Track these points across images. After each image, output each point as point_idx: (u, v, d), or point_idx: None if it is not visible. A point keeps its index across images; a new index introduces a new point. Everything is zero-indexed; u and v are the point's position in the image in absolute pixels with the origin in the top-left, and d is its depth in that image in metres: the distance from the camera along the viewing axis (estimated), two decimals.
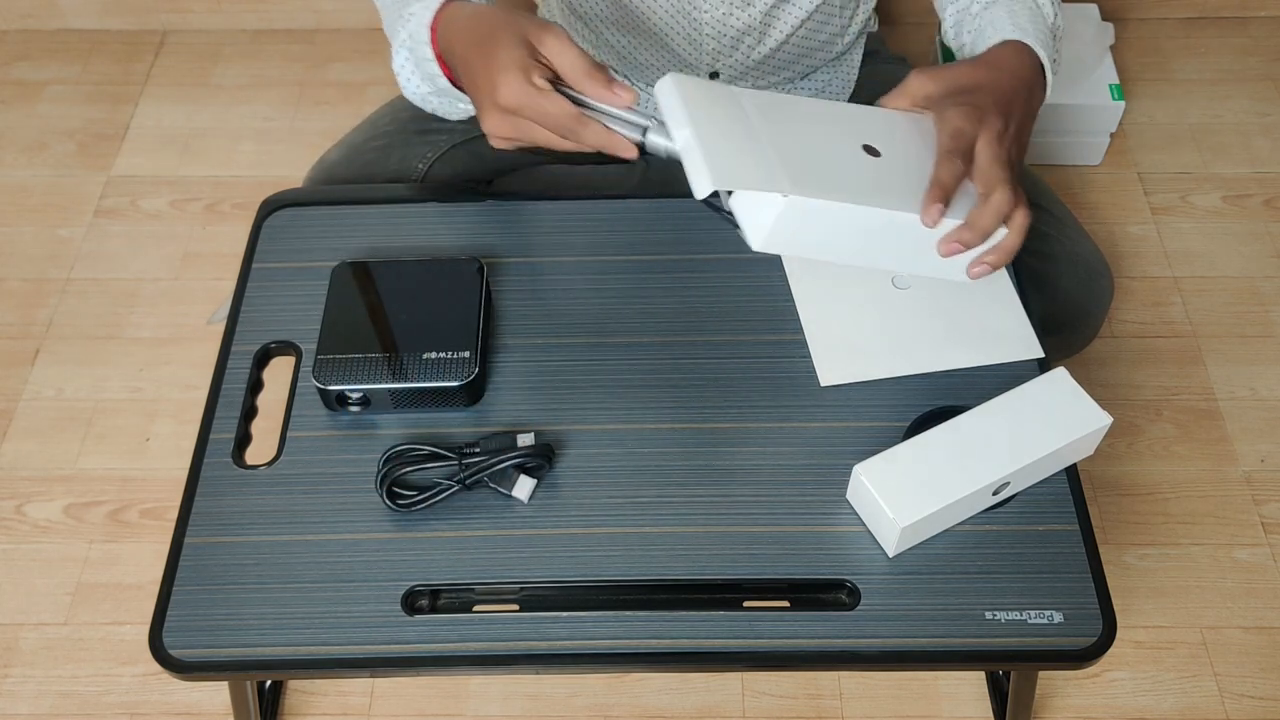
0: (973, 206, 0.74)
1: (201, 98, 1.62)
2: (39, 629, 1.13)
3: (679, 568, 0.74)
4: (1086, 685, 1.08)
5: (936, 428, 0.75)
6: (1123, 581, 1.13)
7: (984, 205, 0.73)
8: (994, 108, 0.76)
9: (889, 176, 0.74)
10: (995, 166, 0.74)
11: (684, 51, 0.98)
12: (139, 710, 1.08)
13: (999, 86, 0.78)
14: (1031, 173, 1.07)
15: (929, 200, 0.72)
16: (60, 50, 1.68)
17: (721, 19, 0.94)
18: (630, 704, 1.07)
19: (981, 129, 0.75)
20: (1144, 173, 1.49)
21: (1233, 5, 1.66)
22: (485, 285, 0.85)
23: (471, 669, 0.72)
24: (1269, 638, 1.10)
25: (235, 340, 0.86)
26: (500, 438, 0.78)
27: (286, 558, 0.75)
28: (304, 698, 1.08)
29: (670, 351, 0.83)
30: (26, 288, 1.40)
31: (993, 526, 0.75)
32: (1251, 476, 1.21)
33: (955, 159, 0.73)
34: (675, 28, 0.96)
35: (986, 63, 0.81)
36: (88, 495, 1.22)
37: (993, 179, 0.73)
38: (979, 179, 0.74)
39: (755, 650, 0.71)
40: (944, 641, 0.71)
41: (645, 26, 0.97)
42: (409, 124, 1.06)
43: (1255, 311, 1.34)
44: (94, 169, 1.53)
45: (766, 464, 0.78)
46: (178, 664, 0.71)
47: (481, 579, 0.74)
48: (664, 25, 0.96)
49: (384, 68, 1.64)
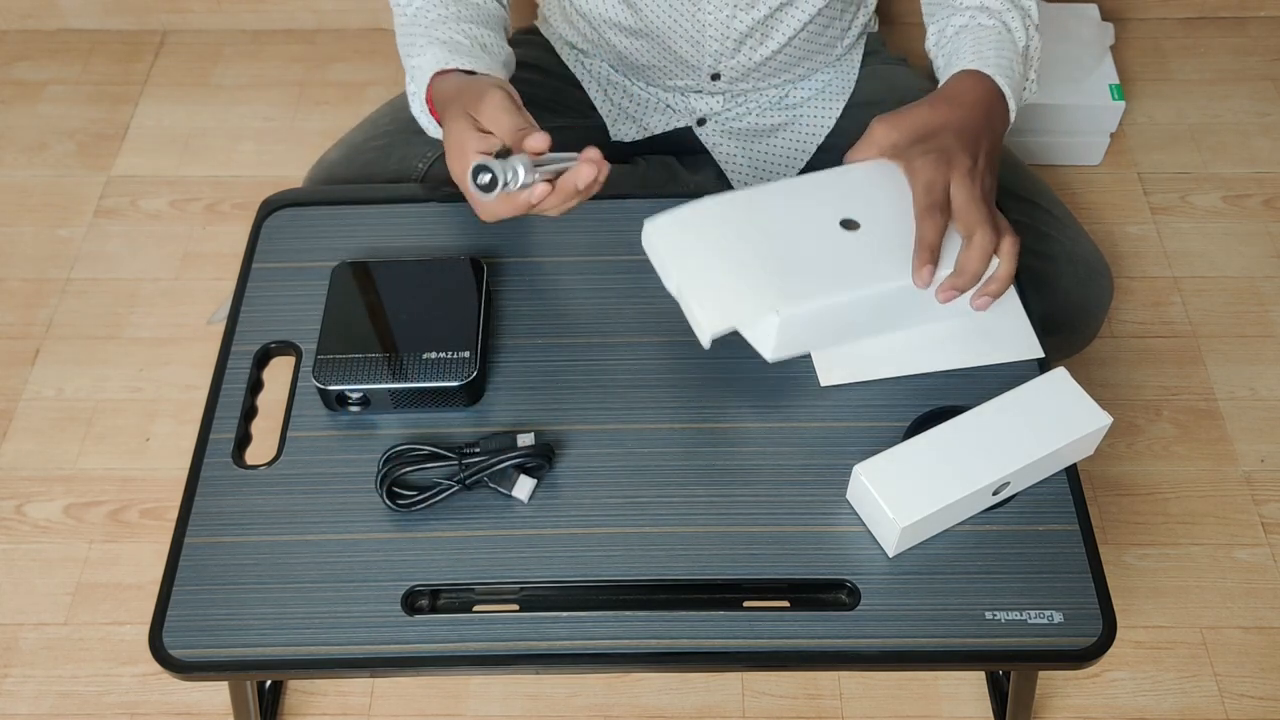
0: (959, 249, 0.77)
1: (201, 98, 1.62)
2: (39, 629, 1.13)
3: (679, 568, 0.74)
4: (1086, 685, 1.08)
5: (936, 428, 0.75)
6: (1123, 581, 1.13)
7: (969, 248, 0.76)
8: (960, 148, 0.78)
9: (874, 249, 0.78)
10: (972, 207, 0.76)
11: (686, 53, 0.98)
12: (139, 710, 1.08)
13: (961, 124, 0.80)
14: (1031, 173, 1.07)
15: (918, 263, 0.75)
16: (60, 50, 1.68)
17: (725, 20, 0.94)
18: (630, 704, 1.07)
19: (952, 173, 0.77)
20: (1144, 173, 1.49)
21: (1233, 5, 1.66)
22: (485, 285, 0.85)
23: (471, 669, 0.72)
24: (1269, 638, 1.10)
25: (235, 340, 0.86)
26: (500, 438, 0.78)
27: (286, 558, 0.75)
28: (304, 698, 1.08)
29: (670, 351, 0.83)
30: (26, 288, 1.40)
31: (993, 526, 0.75)
32: (1251, 476, 1.21)
33: (934, 213, 0.76)
34: (679, 29, 0.96)
35: (945, 99, 0.82)
36: (88, 495, 1.22)
37: (972, 221, 0.76)
38: (959, 222, 0.77)
39: (755, 650, 0.71)
40: (944, 641, 0.71)
41: (649, 28, 0.97)
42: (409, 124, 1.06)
43: (1255, 311, 1.34)
44: (94, 169, 1.53)
45: (766, 464, 0.78)
46: (178, 664, 0.71)
47: (481, 579, 0.74)
48: (667, 27, 0.96)
49: (384, 68, 1.65)
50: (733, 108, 1.06)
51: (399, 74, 1.62)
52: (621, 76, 1.07)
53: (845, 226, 0.79)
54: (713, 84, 1.01)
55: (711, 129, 1.07)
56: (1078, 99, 1.42)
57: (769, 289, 0.75)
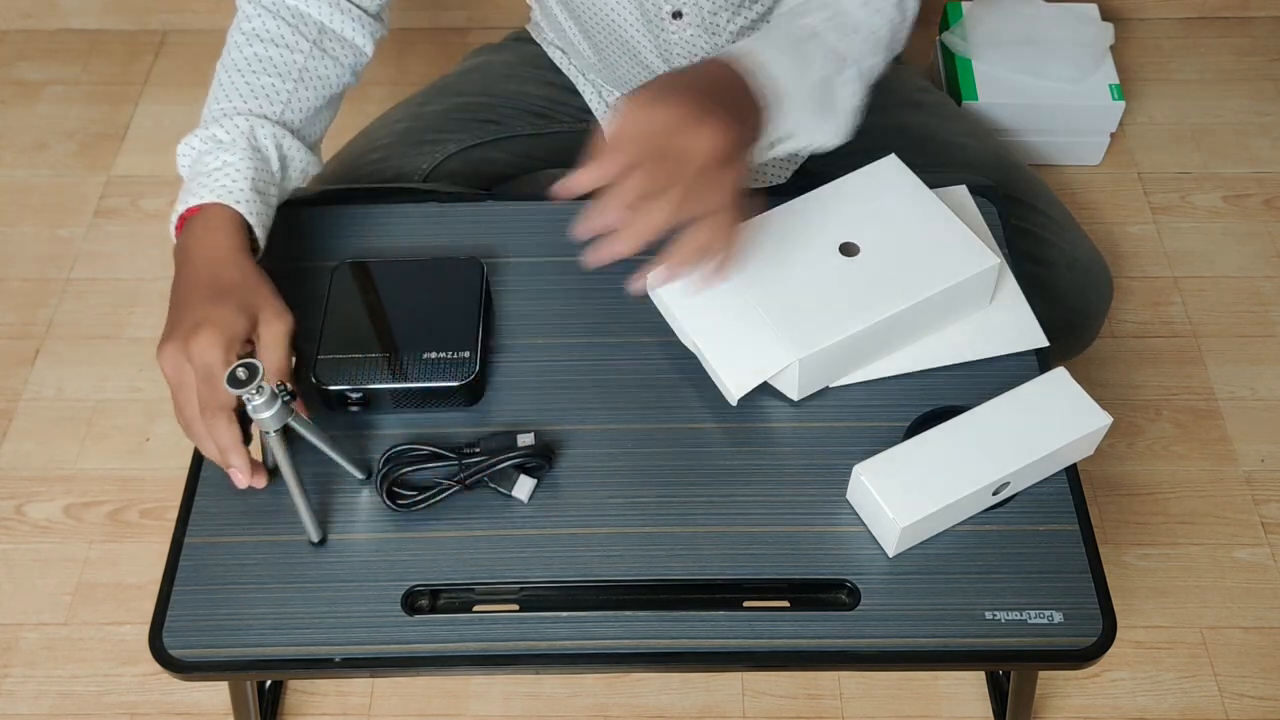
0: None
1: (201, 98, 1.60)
2: (39, 629, 1.13)
3: (679, 568, 0.74)
4: (1086, 685, 1.08)
5: (936, 428, 0.75)
6: (1123, 581, 1.13)
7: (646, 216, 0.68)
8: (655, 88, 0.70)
9: (876, 273, 0.79)
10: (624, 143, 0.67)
11: (657, 67, 0.99)
12: (139, 710, 1.08)
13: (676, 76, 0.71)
14: (1031, 174, 1.07)
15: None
16: (60, 50, 1.68)
17: (690, 40, 0.95)
18: (630, 704, 1.07)
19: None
20: (1144, 173, 1.49)
21: (1233, 5, 1.66)
22: (485, 285, 0.85)
23: (471, 669, 0.72)
24: (1269, 638, 1.10)
25: None
26: (500, 438, 0.78)
27: (286, 558, 0.75)
28: (304, 698, 1.08)
29: (670, 351, 0.83)
30: (26, 288, 1.40)
31: (993, 526, 0.75)
32: (1251, 476, 1.21)
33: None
34: (647, 46, 0.97)
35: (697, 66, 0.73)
36: (88, 495, 1.22)
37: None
38: None
39: (755, 650, 0.71)
40: (944, 641, 0.71)
41: (621, 40, 0.97)
42: (404, 136, 1.06)
43: (1255, 311, 1.34)
44: (94, 169, 1.53)
45: (766, 464, 0.78)
46: (178, 664, 0.71)
47: (481, 579, 0.74)
48: (637, 43, 0.96)
49: (384, 68, 1.65)
50: None
51: (399, 74, 1.63)
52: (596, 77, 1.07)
53: (845, 252, 0.80)
54: None
55: None
56: (1078, 99, 1.42)
57: (785, 339, 0.76)
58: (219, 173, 0.79)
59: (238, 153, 0.80)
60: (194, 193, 0.78)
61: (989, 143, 1.09)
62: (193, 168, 0.81)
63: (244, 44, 0.86)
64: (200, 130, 0.82)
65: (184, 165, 0.83)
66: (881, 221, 0.81)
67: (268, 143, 0.83)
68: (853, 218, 0.82)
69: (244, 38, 0.86)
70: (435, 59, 1.65)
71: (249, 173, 0.79)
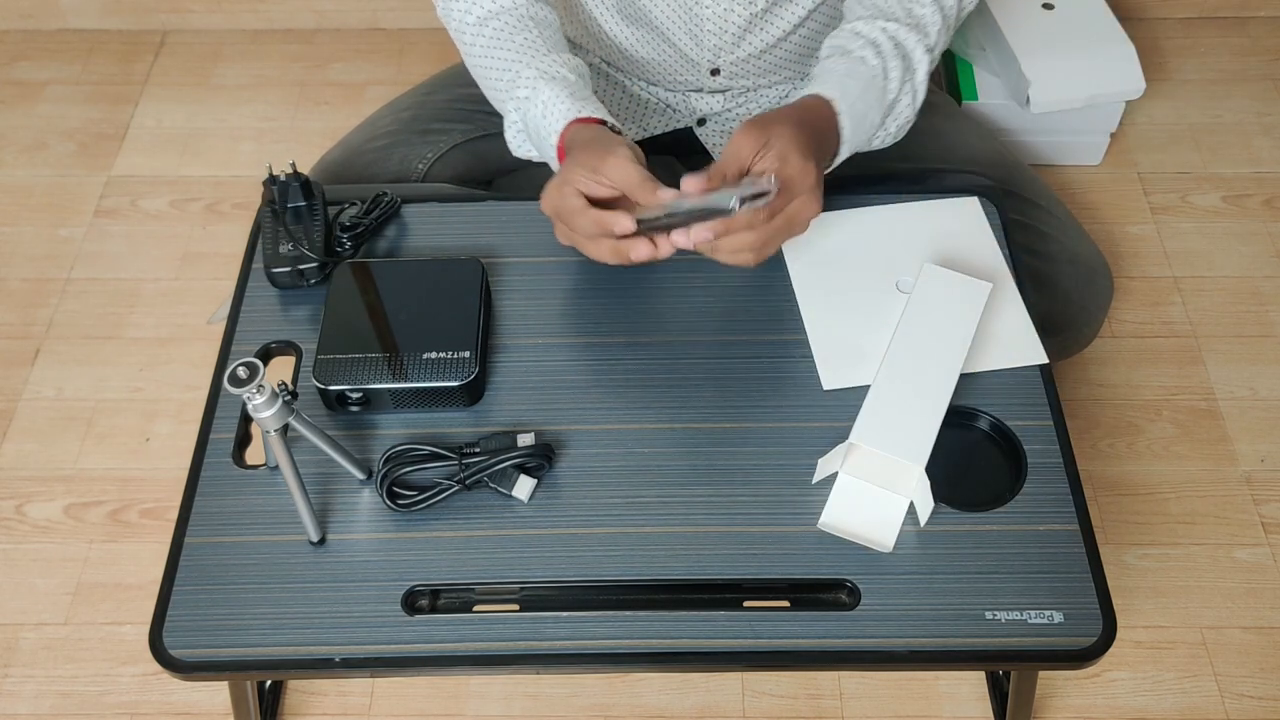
0: None
1: (201, 98, 1.62)
2: (39, 629, 1.13)
3: (679, 568, 0.74)
4: (1086, 685, 1.08)
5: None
6: (1123, 581, 1.13)
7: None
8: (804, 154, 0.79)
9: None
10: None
11: (686, 47, 0.98)
12: (139, 710, 1.08)
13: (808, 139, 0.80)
14: (1031, 172, 1.07)
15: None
16: (60, 50, 1.68)
17: (722, 14, 0.94)
18: (630, 704, 1.07)
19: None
20: (1144, 173, 1.49)
21: (1233, 5, 1.66)
22: (485, 285, 0.85)
23: (471, 669, 0.72)
24: (1269, 638, 1.10)
25: (235, 340, 0.86)
26: (500, 438, 0.78)
27: (286, 558, 0.75)
28: (304, 698, 1.08)
29: (670, 351, 0.83)
30: (26, 288, 1.40)
31: (993, 526, 0.75)
32: (1251, 476, 1.21)
33: None
34: (677, 23, 0.96)
35: (802, 113, 0.82)
36: (88, 495, 1.22)
37: None
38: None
39: (755, 650, 0.71)
40: (944, 641, 0.71)
41: (648, 21, 0.97)
42: (409, 124, 1.06)
43: (1255, 311, 1.34)
44: (94, 169, 1.53)
45: (766, 464, 0.78)
46: (178, 664, 0.71)
47: (481, 579, 0.74)
48: (666, 20, 0.96)
49: (384, 67, 1.65)
50: (733, 108, 1.06)
51: (399, 74, 1.63)
52: (621, 75, 1.07)
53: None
54: (713, 80, 1.01)
55: (712, 129, 1.07)
56: None
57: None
58: (545, 117, 0.86)
59: (543, 92, 0.86)
60: (547, 140, 0.86)
61: (989, 142, 1.09)
62: (532, 134, 0.89)
63: (476, 33, 0.92)
64: (506, 119, 0.90)
65: (525, 148, 0.91)
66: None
67: (553, 71, 0.88)
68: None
69: (472, 29, 0.92)
70: (435, 59, 1.65)
71: (563, 94, 0.86)
